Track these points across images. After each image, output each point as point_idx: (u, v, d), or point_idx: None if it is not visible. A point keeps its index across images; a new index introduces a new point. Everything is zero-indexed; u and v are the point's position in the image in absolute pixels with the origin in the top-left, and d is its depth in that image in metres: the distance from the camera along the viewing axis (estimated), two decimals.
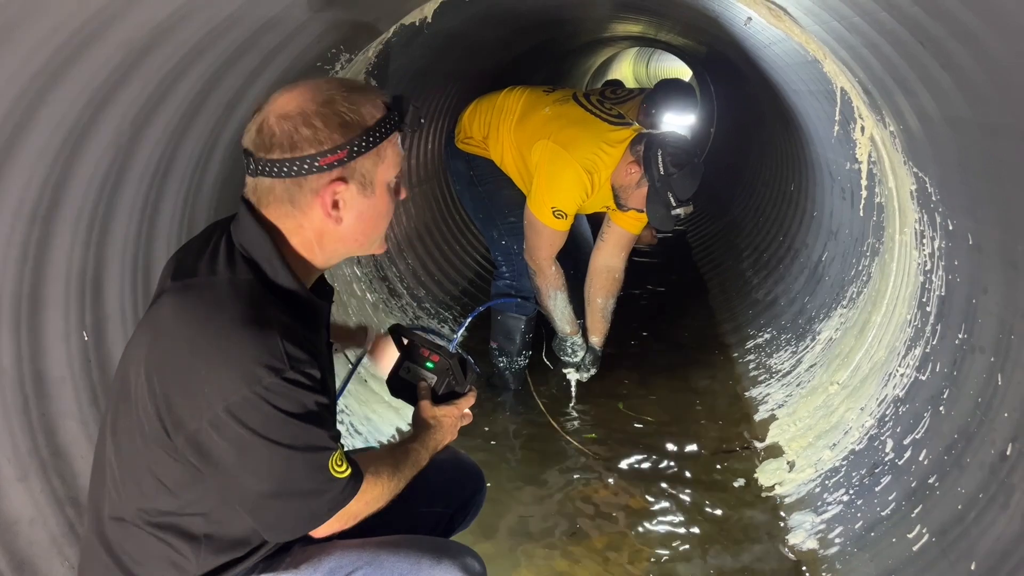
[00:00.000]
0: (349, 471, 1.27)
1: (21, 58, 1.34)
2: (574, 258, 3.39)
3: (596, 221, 3.40)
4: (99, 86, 1.54)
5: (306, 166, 1.19)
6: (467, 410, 1.65)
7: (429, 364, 1.69)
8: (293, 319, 1.21)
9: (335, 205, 1.24)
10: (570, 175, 2.89)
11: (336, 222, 1.26)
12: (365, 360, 1.88)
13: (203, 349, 1.15)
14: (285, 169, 1.20)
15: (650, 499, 2.69)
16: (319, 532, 1.30)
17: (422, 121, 1.36)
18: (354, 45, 2.70)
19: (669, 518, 2.58)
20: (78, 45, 1.42)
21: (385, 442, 2.95)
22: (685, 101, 4.10)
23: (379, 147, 1.25)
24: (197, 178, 2.14)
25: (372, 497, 1.34)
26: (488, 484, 1.85)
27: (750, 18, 2.99)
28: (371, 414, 3.05)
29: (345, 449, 1.32)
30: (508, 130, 3.10)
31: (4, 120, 1.40)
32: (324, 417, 1.24)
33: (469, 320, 2.30)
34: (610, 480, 2.83)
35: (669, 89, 4.16)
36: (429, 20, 2.92)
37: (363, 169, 1.24)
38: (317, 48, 2.40)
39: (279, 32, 2.05)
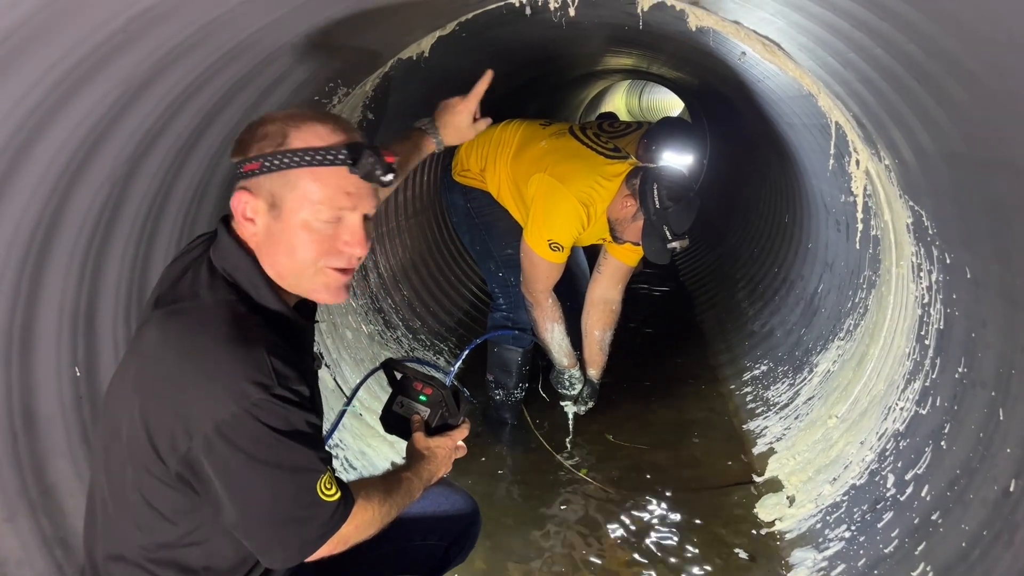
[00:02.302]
0: (338, 495, 1.25)
1: (18, 94, 1.33)
2: (571, 290, 3.38)
3: (593, 253, 3.40)
4: (96, 121, 1.53)
5: (239, 168, 1.26)
6: (461, 442, 1.64)
7: (422, 397, 1.68)
8: (278, 337, 1.21)
9: (248, 219, 1.26)
10: (566, 208, 2.90)
11: (253, 236, 1.27)
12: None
13: (190, 371, 1.15)
14: (234, 170, 1.28)
15: (650, 534, 2.66)
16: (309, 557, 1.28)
17: (380, 175, 1.27)
18: (352, 79, 2.72)
19: (669, 555, 2.54)
20: (77, 80, 1.41)
21: None
22: (686, 141, 4.11)
23: (289, 172, 1.23)
24: (193, 212, 2.13)
25: (363, 521, 1.32)
26: (484, 519, 1.83)
27: (744, 53, 3.02)
28: (366, 448, 3.01)
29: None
30: (505, 163, 3.11)
31: (0, 154, 1.39)
32: (312, 437, 1.23)
33: (466, 353, 2.29)
34: (609, 514, 2.79)
35: (672, 127, 4.15)
36: (426, 55, 2.93)
37: (271, 188, 1.24)
38: (315, 83, 2.41)
39: (278, 67, 2.05)
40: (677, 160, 3.65)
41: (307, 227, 1.25)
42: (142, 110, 1.65)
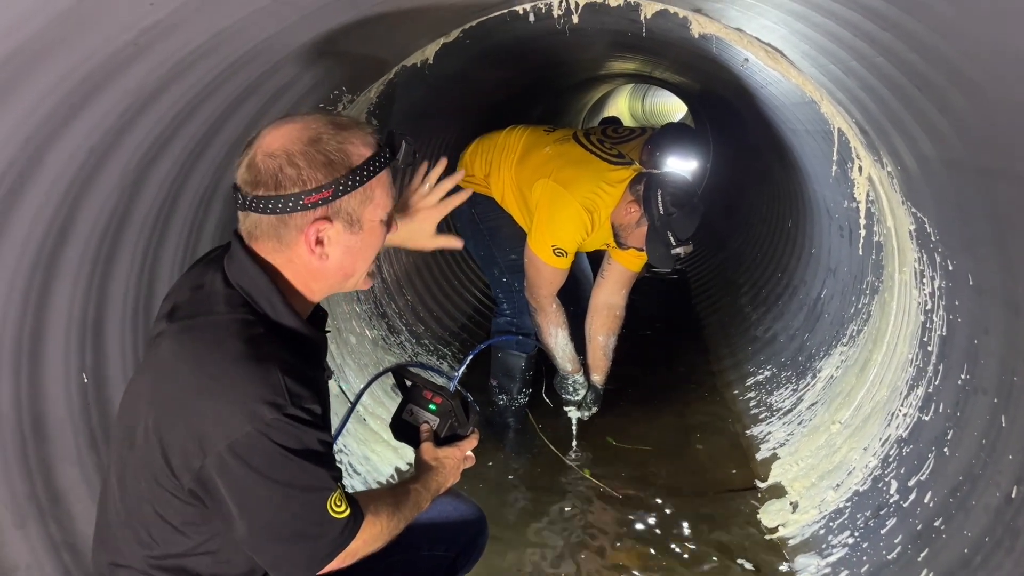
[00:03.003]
0: (348, 511, 1.26)
1: (31, 104, 1.35)
2: (575, 296, 3.39)
3: (596, 258, 3.41)
4: (107, 131, 1.55)
5: (290, 204, 1.21)
6: (469, 452, 1.65)
7: (432, 406, 1.68)
8: (293, 355, 1.22)
9: (319, 242, 1.25)
10: (570, 214, 2.91)
11: (321, 259, 1.27)
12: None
13: (205, 389, 1.16)
14: (271, 206, 1.21)
15: (653, 540, 2.66)
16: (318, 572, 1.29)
17: (416, 156, 1.40)
18: (357, 86, 2.73)
19: (673, 561, 2.55)
20: (88, 91, 1.43)
21: (384, 482, 2.92)
22: (690, 147, 4.11)
23: (366, 186, 1.25)
24: (199, 220, 2.15)
25: (371, 536, 1.33)
26: (491, 525, 1.83)
27: (746, 59, 3.04)
28: (370, 453, 3.03)
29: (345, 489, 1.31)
30: (509, 168, 3.12)
31: (10, 166, 1.40)
32: (324, 456, 1.24)
33: (470, 358, 2.29)
34: (613, 519, 2.80)
35: (676, 133, 4.13)
36: (431, 61, 2.95)
37: (349, 208, 1.25)
38: (321, 90, 2.42)
39: (284, 74, 2.07)
40: (681, 166, 3.66)
41: (380, 227, 1.32)
42: (151, 119, 1.67)
